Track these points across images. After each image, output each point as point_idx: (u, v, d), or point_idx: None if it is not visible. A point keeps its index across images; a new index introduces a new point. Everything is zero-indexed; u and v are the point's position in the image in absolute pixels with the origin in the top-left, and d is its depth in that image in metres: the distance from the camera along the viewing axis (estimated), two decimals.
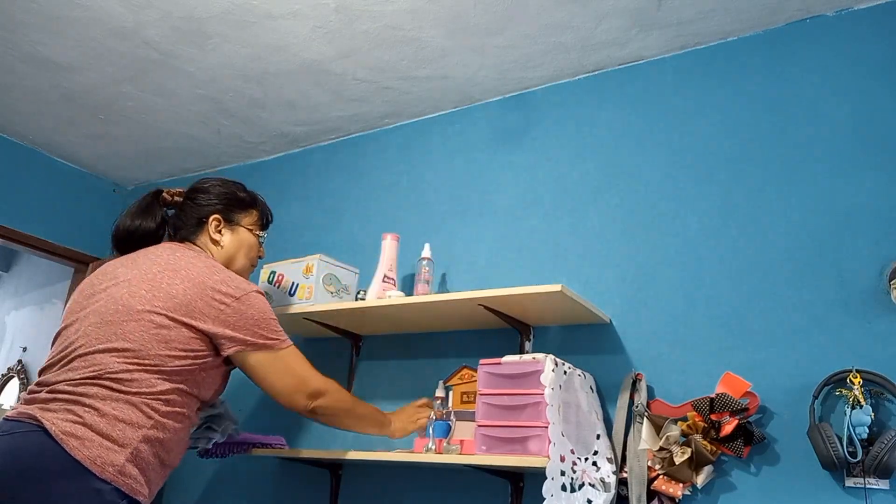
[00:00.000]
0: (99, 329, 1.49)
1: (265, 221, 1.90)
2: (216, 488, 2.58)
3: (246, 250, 1.81)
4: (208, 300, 1.54)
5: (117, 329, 1.48)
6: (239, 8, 2.13)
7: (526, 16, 2.07)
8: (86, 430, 1.37)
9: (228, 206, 1.80)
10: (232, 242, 1.78)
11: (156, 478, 1.47)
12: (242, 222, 1.82)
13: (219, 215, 1.77)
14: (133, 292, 1.53)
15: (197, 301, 1.53)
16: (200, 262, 1.62)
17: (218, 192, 1.80)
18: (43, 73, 2.55)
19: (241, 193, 1.84)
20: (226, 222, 1.78)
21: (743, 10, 1.98)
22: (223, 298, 1.56)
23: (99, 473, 1.34)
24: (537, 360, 1.72)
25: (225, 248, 1.77)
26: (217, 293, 1.56)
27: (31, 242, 3.12)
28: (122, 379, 1.43)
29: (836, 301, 1.72)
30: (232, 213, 1.80)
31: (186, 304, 1.52)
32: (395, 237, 2.24)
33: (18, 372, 3.99)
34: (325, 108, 2.65)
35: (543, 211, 2.23)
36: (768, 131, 1.94)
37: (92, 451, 1.35)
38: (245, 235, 1.81)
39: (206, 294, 1.55)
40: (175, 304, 1.52)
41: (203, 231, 1.76)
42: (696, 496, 1.74)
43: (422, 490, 2.12)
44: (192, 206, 1.78)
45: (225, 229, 1.78)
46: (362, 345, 2.43)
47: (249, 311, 1.58)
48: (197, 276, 1.57)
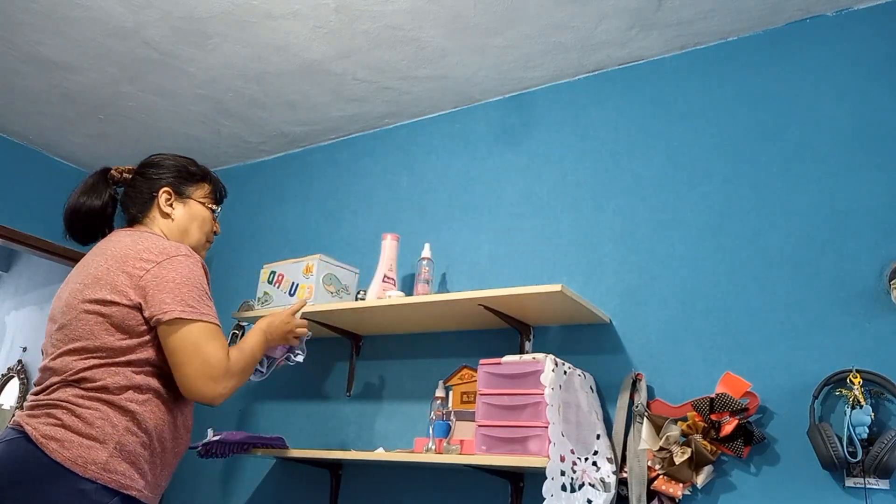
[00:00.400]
0: (58, 333, 1.49)
1: (218, 195, 1.80)
2: (216, 488, 2.58)
3: (199, 223, 1.72)
4: (129, 269, 1.47)
5: (68, 330, 1.47)
6: (239, 8, 2.13)
7: (526, 16, 2.07)
8: (65, 431, 1.36)
9: (179, 178, 1.71)
10: (184, 215, 1.69)
11: (153, 469, 1.45)
12: (194, 195, 1.72)
13: (169, 188, 1.68)
14: (73, 289, 1.51)
15: (119, 274, 1.46)
16: (129, 238, 1.55)
17: (168, 164, 1.72)
18: (43, 73, 2.55)
19: (191, 167, 1.75)
20: (176, 195, 1.69)
21: (743, 10, 1.98)
22: (143, 265, 1.47)
23: (81, 473, 1.33)
24: (537, 360, 1.72)
25: (176, 221, 1.68)
26: (139, 261, 1.48)
27: (31, 242, 3.12)
28: (86, 378, 1.42)
29: (836, 301, 1.72)
30: (183, 186, 1.71)
31: (109, 280, 1.46)
32: (395, 237, 2.24)
33: (18, 372, 4.00)
34: (325, 108, 2.65)
35: (543, 211, 2.23)
36: (768, 131, 1.94)
37: (72, 452, 1.34)
38: (197, 208, 1.72)
39: (128, 264, 1.48)
40: (101, 284, 1.46)
41: (153, 205, 1.67)
42: (696, 496, 1.74)
43: (422, 490, 2.12)
44: (142, 180, 1.70)
45: (176, 202, 1.69)
46: (362, 345, 2.43)
47: (169, 275, 1.47)
48: (121, 250, 1.51)
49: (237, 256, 2.94)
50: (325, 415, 2.42)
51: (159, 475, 1.48)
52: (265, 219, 2.92)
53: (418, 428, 2.19)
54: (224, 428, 2.51)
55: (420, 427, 2.18)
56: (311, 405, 2.46)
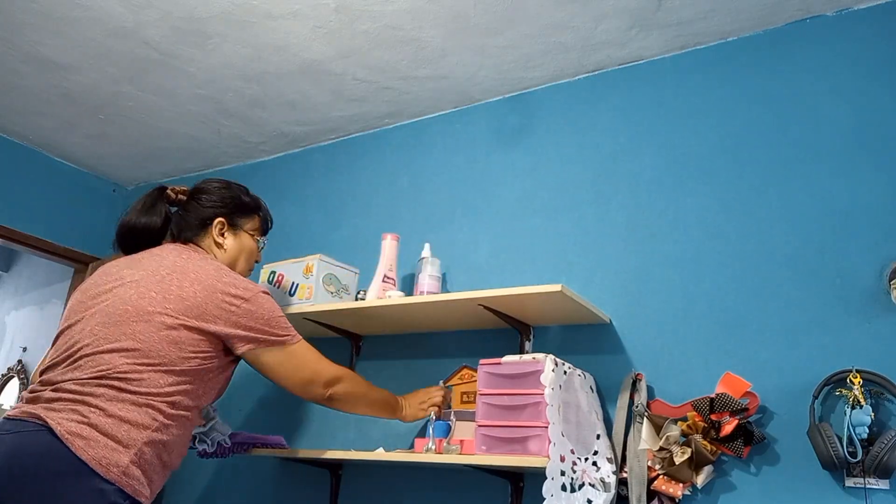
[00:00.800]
0: (106, 329, 1.50)
1: (266, 227, 1.93)
2: (216, 488, 2.58)
3: (247, 255, 1.84)
4: (218, 302, 1.57)
5: (126, 329, 1.49)
6: (239, 8, 2.13)
7: (526, 16, 2.07)
8: (91, 430, 1.37)
9: (233, 210, 1.82)
10: (234, 246, 1.80)
11: (157, 479, 1.48)
12: (245, 227, 1.84)
13: (223, 219, 1.79)
14: (142, 293, 1.54)
15: (207, 304, 1.55)
16: (208, 266, 1.64)
17: (222, 195, 1.82)
18: (43, 73, 2.55)
19: (245, 198, 1.86)
20: (229, 226, 1.80)
21: (743, 10, 1.98)
22: (233, 300, 1.58)
23: (104, 474, 1.34)
24: (537, 360, 1.72)
25: (227, 252, 1.79)
26: (227, 295, 1.58)
27: (31, 242, 3.13)
28: (129, 379, 1.44)
29: (836, 301, 1.72)
30: (235, 218, 1.82)
31: (197, 306, 1.54)
32: (395, 237, 2.24)
33: (18, 372, 3.99)
34: (325, 108, 2.65)
35: (543, 211, 2.23)
36: (768, 131, 1.94)
37: (97, 452, 1.35)
38: (247, 240, 1.83)
39: (216, 297, 1.57)
40: (186, 306, 1.53)
41: (206, 233, 1.78)
42: (696, 496, 1.74)
43: (422, 490, 2.12)
44: (196, 206, 1.79)
45: (228, 233, 1.80)
46: (362, 345, 2.43)
47: (259, 311, 1.61)
48: (206, 278, 1.59)
49: None
50: (325, 415, 2.42)
51: (160, 484, 1.51)
52: None
53: (418, 428, 2.19)
54: None
55: (420, 427, 2.18)
56: (311, 405, 2.46)
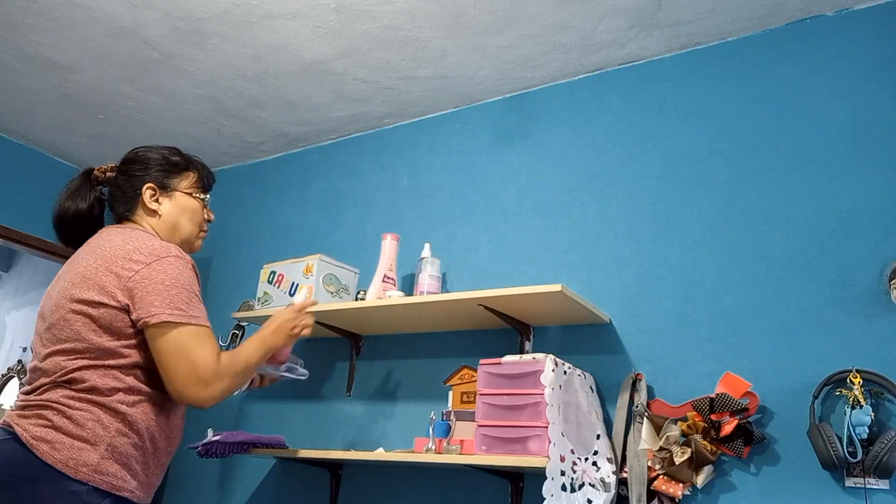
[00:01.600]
0: (47, 333, 1.47)
1: (206, 183, 1.73)
2: (216, 488, 2.58)
3: (189, 215, 1.66)
4: (118, 270, 1.44)
5: (56, 329, 1.45)
6: (239, 8, 2.13)
7: (526, 16, 2.07)
8: (56, 433, 1.35)
9: (161, 172, 1.65)
10: (171, 209, 1.64)
11: (145, 469, 1.44)
12: (180, 187, 1.66)
13: (152, 183, 1.63)
14: (62, 288, 1.48)
15: (107, 274, 1.43)
16: (119, 237, 1.52)
17: (149, 158, 1.66)
18: (43, 73, 2.55)
19: (173, 157, 1.68)
20: (161, 190, 1.64)
21: (743, 10, 1.98)
22: (133, 266, 1.44)
23: (73, 475, 1.32)
24: (537, 360, 1.72)
25: (164, 217, 1.63)
26: (128, 261, 1.44)
27: (31, 242, 3.12)
28: (76, 379, 1.40)
29: (836, 301, 1.72)
30: (166, 179, 1.65)
31: (97, 280, 1.43)
32: (395, 237, 2.24)
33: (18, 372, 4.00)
34: (325, 108, 2.65)
35: (543, 211, 2.23)
36: (768, 131, 1.94)
37: (63, 454, 1.33)
38: (185, 200, 1.66)
39: (117, 264, 1.44)
40: (89, 284, 1.43)
41: (139, 203, 1.63)
42: (696, 496, 1.74)
43: (422, 490, 2.12)
44: (125, 179, 1.65)
45: (161, 197, 1.64)
46: (362, 345, 2.43)
47: (156, 277, 1.43)
48: (111, 249, 1.47)
49: (237, 256, 2.94)
50: (325, 415, 2.42)
51: (152, 474, 1.47)
52: (265, 219, 2.92)
53: (418, 428, 2.19)
54: (224, 428, 2.50)
55: (420, 427, 2.18)
56: (311, 405, 2.46)
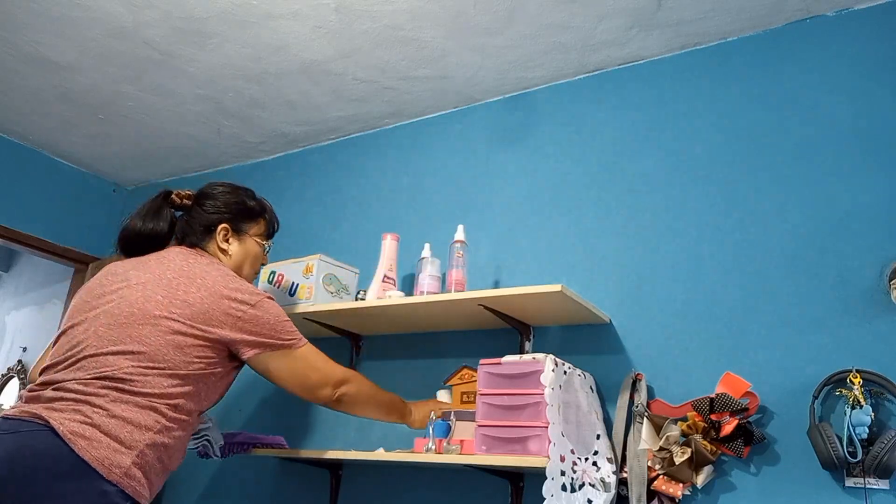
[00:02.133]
0: (111, 330, 1.49)
1: (272, 230, 1.92)
2: (216, 488, 2.58)
3: (252, 260, 1.83)
4: (225, 308, 1.56)
5: (132, 332, 1.49)
6: (239, 8, 2.13)
7: (526, 16, 2.07)
8: (94, 430, 1.36)
9: (237, 215, 1.80)
10: (239, 252, 1.80)
11: (156, 481, 1.48)
12: (250, 232, 1.83)
13: (227, 224, 1.78)
14: (148, 297, 1.54)
15: (213, 309, 1.55)
16: (215, 271, 1.63)
17: (227, 199, 1.80)
18: (43, 73, 2.55)
19: (250, 202, 1.85)
20: (234, 232, 1.79)
21: (743, 10, 1.98)
22: (239, 306, 1.58)
23: (106, 475, 1.33)
24: (537, 360, 1.72)
25: (232, 258, 1.78)
26: (233, 301, 1.58)
27: (31, 242, 3.13)
28: (132, 381, 1.44)
29: (836, 301, 1.72)
30: (240, 223, 1.81)
31: (203, 312, 1.54)
32: (395, 237, 2.24)
33: (18, 372, 3.99)
34: (325, 108, 2.65)
35: (543, 211, 2.23)
36: (768, 131, 1.94)
37: (100, 452, 1.34)
38: (252, 245, 1.83)
39: (223, 302, 1.57)
40: (192, 311, 1.53)
41: (211, 239, 1.76)
42: (696, 496, 1.74)
43: (422, 490, 2.12)
44: (200, 212, 1.78)
45: (233, 238, 1.79)
46: (362, 345, 2.43)
47: (265, 317, 1.61)
48: (212, 284, 1.58)
49: None
50: (325, 415, 2.42)
51: (158, 486, 1.51)
52: None
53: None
54: (224, 428, 2.50)
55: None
56: (311, 405, 2.46)
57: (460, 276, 2.02)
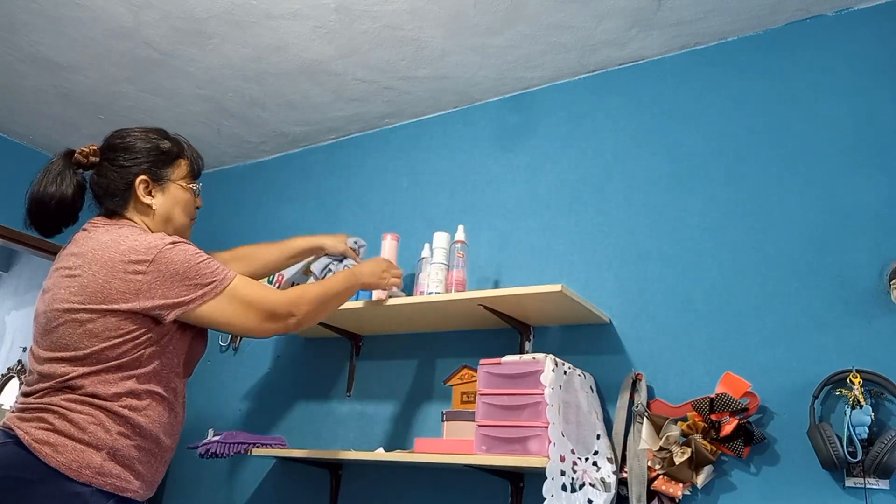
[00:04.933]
0: (44, 339, 1.45)
1: (197, 169, 1.67)
2: (216, 488, 2.58)
3: (182, 206, 1.61)
4: (122, 276, 1.40)
5: (55, 336, 1.43)
6: (239, 8, 2.13)
7: (526, 16, 2.07)
8: (58, 436, 1.34)
9: (154, 162, 1.57)
10: (165, 203, 1.58)
11: (148, 469, 1.43)
12: (172, 177, 1.59)
13: (145, 176, 1.55)
14: (56, 293, 1.45)
15: (111, 282, 1.40)
16: (106, 237, 1.46)
17: (140, 147, 1.57)
18: (43, 73, 2.55)
19: (164, 144, 1.60)
20: (154, 182, 1.57)
21: (743, 10, 1.98)
22: (137, 267, 1.41)
23: (76, 477, 1.31)
24: (537, 360, 1.72)
25: (158, 211, 1.57)
26: (129, 264, 1.41)
27: (31, 242, 3.12)
28: (77, 385, 1.39)
29: (836, 301, 1.72)
30: (159, 171, 1.58)
31: (100, 289, 1.40)
32: (395, 237, 2.24)
33: (18, 372, 4.00)
34: (325, 108, 2.65)
35: (543, 211, 2.23)
36: (768, 131, 1.94)
37: (66, 456, 1.32)
38: (177, 192, 1.60)
39: (118, 270, 1.41)
40: (88, 293, 1.40)
41: (131, 195, 1.55)
42: (696, 496, 1.74)
43: (422, 490, 2.12)
44: (112, 169, 1.56)
45: (155, 190, 1.57)
46: (362, 345, 2.43)
47: (171, 268, 1.42)
48: (103, 254, 1.43)
49: None
50: (325, 415, 2.42)
51: (155, 472, 1.47)
52: (265, 219, 2.92)
53: (418, 428, 2.19)
54: (224, 428, 2.51)
55: (420, 427, 2.18)
56: (311, 405, 2.46)
57: (460, 276, 2.02)
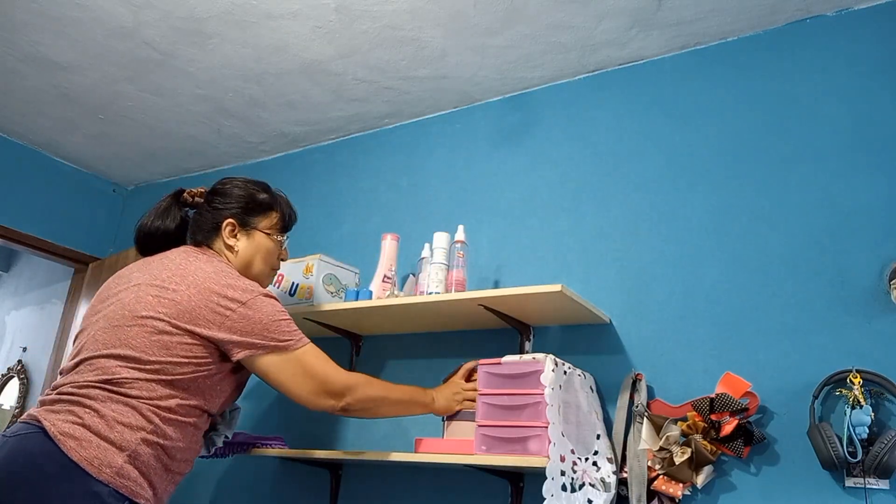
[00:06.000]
0: (106, 334, 1.49)
1: (286, 223, 1.83)
2: (216, 488, 2.58)
3: (263, 255, 1.75)
4: (213, 306, 1.51)
5: (121, 334, 1.48)
6: (239, 8, 2.13)
7: (526, 16, 2.07)
8: (84, 430, 1.36)
9: (245, 209, 1.74)
10: (247, 247, 1.72)
11: (160, 482, 1.46)
12: (259, 226, 1.75)
13: (233, 220, 1.71)
14: (140, 297, 1.52)
15: (201, 308, 1.50)
16: (210, 267, 1.58)
17: (235, 194, 1.75)
18: (43, 73, 2.55)
19: (260, 195, 1.78)
20: (241, 227, 1.72)
21: (743, 10, 1.98)
22: (228, 304, 1.52)
23: (96, 475, 1.33)
24: (537, 360, 1.72)
25: (240, 254, 1.71)
26: (223, 298, 1.52)
27: (31, 242, 3.13)
28: (123, 383, 1.43)
29: (836, 301, 1.72)
30: (248, 217, 1.74)
31: (190, 310, 1.50)
32: (395, 237, 2.24)
33: (18, 372, 3.99)
34: (325, 108, 2.65)
35: (543, 211, 2.23)
36: (768, 131, 1.94)
37: (89, 452, 1.34)
38: (261, 240, 1.75)
39: (212, 300, 1.51)
40: (178, 310, 1.49)
41: (218, 236, 1.71)
42: (696, 496, 1.74)
43: (422, 490, 2.12)
44: (208, 209, 1.74)
45: (240, 234, 1.72)
46: (362, 345, 2.43)
47: (257, 315, 1.54)
48: (203, 281, 1.53)
49: None
50: (325, 415, 2.41)
51: (165, 491, 1.49)
52: None
53: (418, 428, 2.19)
54: None
55: (420, 427, 2.18)
56: None
57: (460, 276, 2.01)
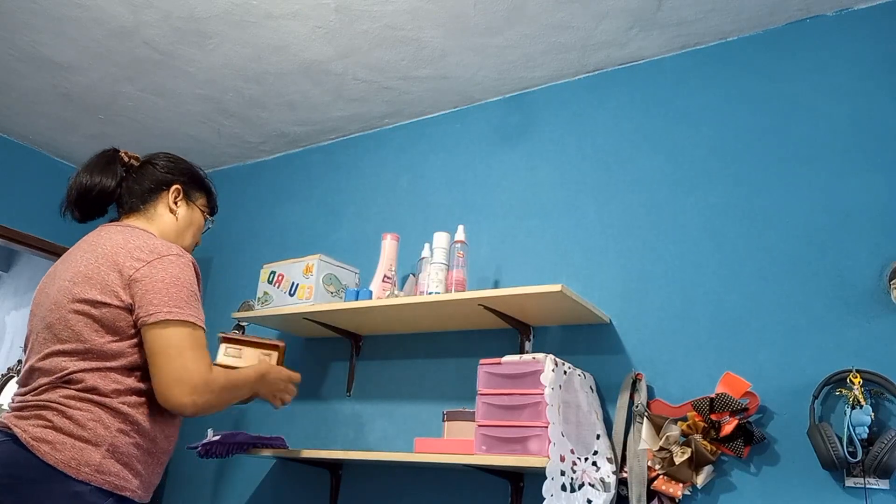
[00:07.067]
0: (45, 332, 1.45)
1: (214, 207, 1.80)
2: (216, 488, 2.58)
3: (195, 230, 1.72)
4: (120, 268, 1.43)
5: (56, 329, 1.43)
6: (239, 8, 2.13)
7: (526, 16, 2.07)
8: (56, 433, 1.33)
9: (190, 181, 1.71)
10: (185, 217, 1.68)
11: (146, 468, 1.43)
12: (198, 201, 1.73)
13: (180, 186, 1.68)
14: (61, 287, 1.46)
15: (109, 273, 1.43)
16: (120, 236, 1.50)
17: (182, 166, 1.72)
18: (43, 73, 2.55)
19: (200, 173, 1.76)
20: (185, 196, 1.69)
21: (743, 10, 1.98)
22: (134, 263, 1.43)
23: (75, 475, 1.30)
24: (537, 360, 1.72)
25: (180, 220, 1.67)
26: (129, 259, 1.44)
27: (31, 242, 3.12)
28: (76, 380, 1.38)
29: (836, 301, 1.72)
30: (191, 190, 1.71)
31: (100, 279, 1.42)
32: (395, 237, 2.24)
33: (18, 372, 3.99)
34: (325, 108, 2.65)
35: (543, 211, 2.23)
36: (768, 131, 1.94)
37: (65, 454, 1.31)
38: (197, 215, 1.72)
39: (118, 262, 1.44)
40: (91, 283, 1.42)
41: (158, 198, 1.65)
42: (696, 496, 1.74)
43: (422, 490, 2.12)
44: (151, 170, 1.67)
45: (181, 203, 1.68)
46: (362, 345, 2.43)
47: (159, 275, 1.43)
48: (111, 248, 1.47)
49: (237, 256, 2.94)
50: (325, 415, 2.42)
51: (152, 473, 1.46)
52: (265, 219, 2.92)
53: (418, 428, 2.19)
54: (224, 428, 2.51)
55: (420, 427, 2.18)
56: (311, 405, 2.46)
57: (460, 276, 2.01)
